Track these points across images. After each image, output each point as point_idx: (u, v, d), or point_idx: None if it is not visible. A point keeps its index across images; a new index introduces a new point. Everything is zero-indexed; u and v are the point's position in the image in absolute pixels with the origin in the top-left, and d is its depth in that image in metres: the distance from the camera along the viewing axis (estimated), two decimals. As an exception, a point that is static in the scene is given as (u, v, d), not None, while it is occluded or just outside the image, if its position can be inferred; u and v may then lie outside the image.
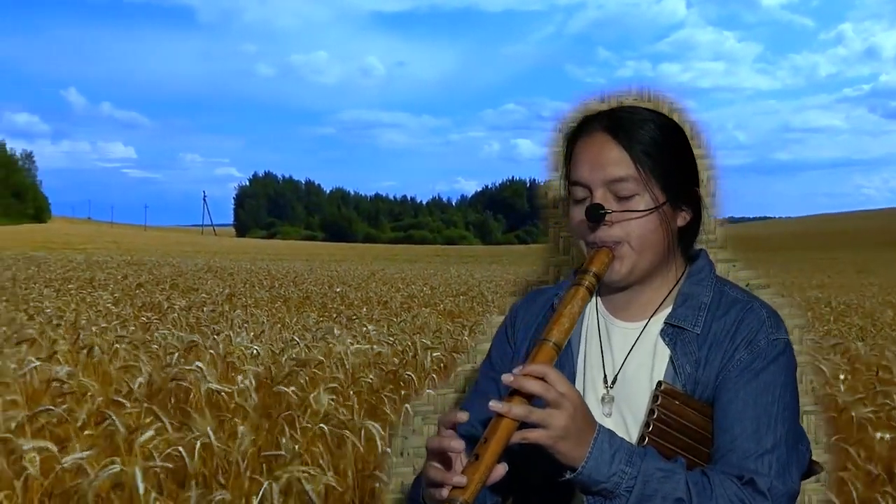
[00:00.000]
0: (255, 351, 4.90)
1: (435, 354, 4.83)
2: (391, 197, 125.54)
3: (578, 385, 1.22)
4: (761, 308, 1.20)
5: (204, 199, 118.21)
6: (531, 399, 1.04)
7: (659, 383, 1.16)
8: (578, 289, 1.14)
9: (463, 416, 1.07)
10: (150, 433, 2.66)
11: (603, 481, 1.05)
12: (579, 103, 1.48)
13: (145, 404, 3.13)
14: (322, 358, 4.57)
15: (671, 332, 1.19)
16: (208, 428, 2.48)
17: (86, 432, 2.95)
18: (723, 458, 1.12)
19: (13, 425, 2.60)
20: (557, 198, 1.51)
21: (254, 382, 3.70)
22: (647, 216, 1.16)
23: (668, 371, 1.18)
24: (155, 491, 2.31)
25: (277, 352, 4.92)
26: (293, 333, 6.13)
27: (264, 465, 2.92)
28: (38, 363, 3.66)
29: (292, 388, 3.57)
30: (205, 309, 8.45)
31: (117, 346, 4.87)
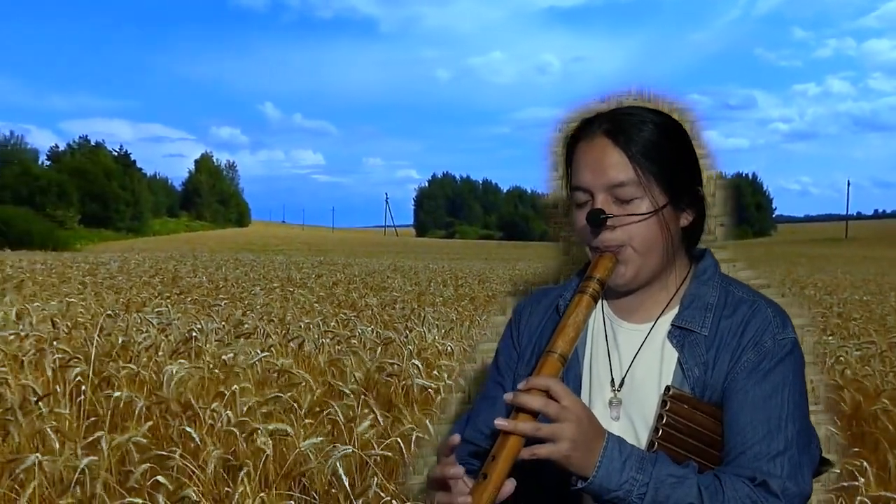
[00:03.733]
0: (448, 348, 5.06)
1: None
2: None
3: (585, 388, 1.21)
4: (767, 307, 1.19)
5: (386, 201, 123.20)
6: (537, 414, 1.04)
7: (667, 388, 1.15)
8: (583, 297, 1.14)
9: (455, 440, 1.07)
10: (367, 423, 2.83)
11: (615, 489, 1.04)
12: (579, 104, 1.46)
13: (362, 396, 3.32)
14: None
15: (678, 334, 1.18)
16: (427, 421, 2.60)
17: (306, 420, 3.19)
18: (734, 461, 1.10)
19: (245, 410, 2.86)
20: (559, 199, 1.45)
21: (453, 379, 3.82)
22: (648, 219, 1.15)
23: (676, 373, 1.17)
24: (375, 476, 2.45)
25: (470, 349, 5.05)
26: (484, 331, 6.25)
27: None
28: (264, 355, 3.99)
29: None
30: (397, 307, 8.81)
31: (323, 340, 5.22)
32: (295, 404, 3.06)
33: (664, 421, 1.13)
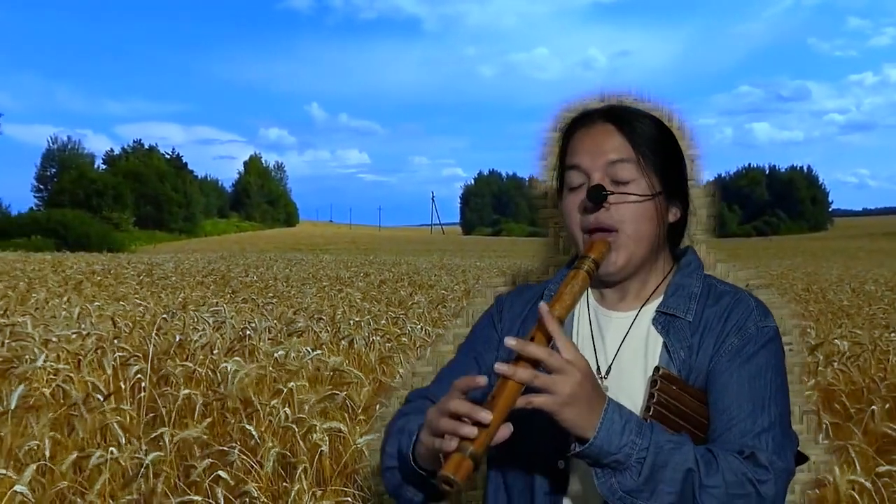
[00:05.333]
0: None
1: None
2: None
3: None
4: (749, 298, 1.22)
5: (432, 200, 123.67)
6: (537, 367, 1.02)
7: (657, 368, 1.16)
8: (578, 272, 1.14)
9: (481, 381, 1.04)
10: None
11: (614, 452, 1.03)
12: (575, 101, 1.48)
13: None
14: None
15: (663, 320, 1.20)
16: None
17: (360, 417, 3.22)
18: (721, 438, 1.12)
19: (306, 408, 2.90)
20: (554, 196, 1.44)
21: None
22: (643, 202, 1.17)
23: (662, 357, 1.18)
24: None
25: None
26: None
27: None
28: (316, 353, 4.03)
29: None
30: (446, 305, 8.83)
31: (374, 338, 5.25)
32: (349, 402, 3.09)
33: (654, 400, 1.13)
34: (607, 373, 1.21)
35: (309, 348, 4.29)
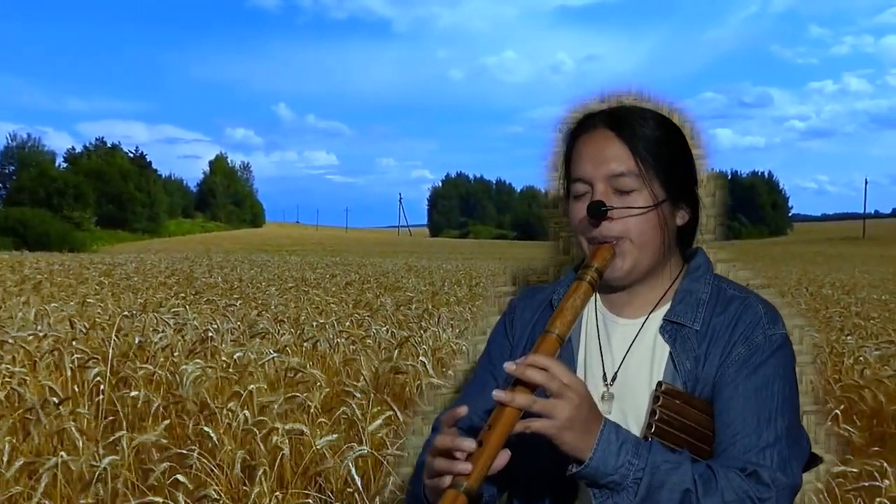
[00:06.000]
0: (463, 347, 5.06)
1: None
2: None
3: None
4: (758, 304, 1.19)
5: (400, 201, 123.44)
6: (534, 390, 1.03)
7: (659, 383, 1.15)
8: (581, 283, 1.13)
9: (462, 411, 1.06)
10: (378, 422, 2.84)
11: (611, 473, 1.04)
12: (578, 103, 1.46)
13: (372, 394, 3.34)
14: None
15: (670, 329, 1.19)
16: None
17: (319, 419, 3.21)
18: (724, 453, 1.11)
19: (265, 410, 2.88)
20: (557, 197, 1.45)
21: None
22: (647, 213, 1.16)
23: (667, 367, 1.17)
24: (391, 475, 2.46)
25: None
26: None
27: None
28: (276, 355, 4.01)
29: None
30: (411, 307, 8.82)
31: (338, 340, 5.23)
32: (309, 403, 3.08)
33: (656, 416, 1.13)
34: (613, 380, 1.20)
35: (270, 350, 4.26)
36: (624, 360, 1.20)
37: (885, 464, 2.65)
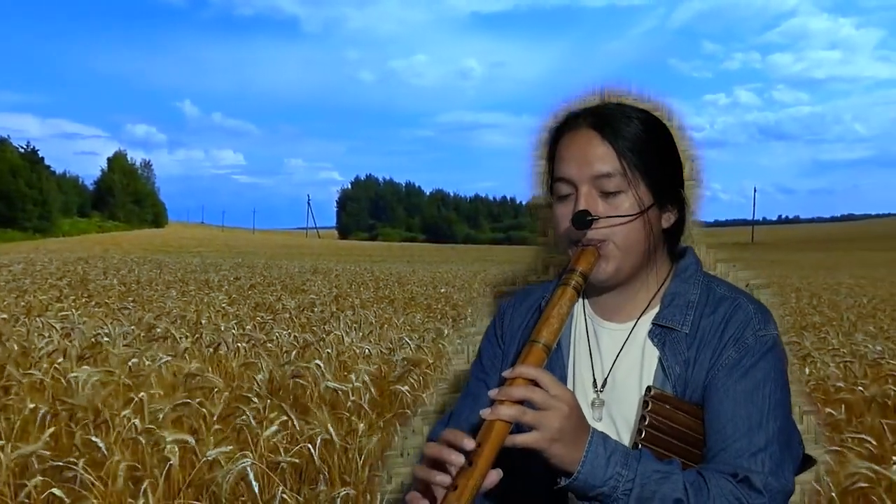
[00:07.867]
0: (366, 351, 5.04)
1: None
2: (491, 198, 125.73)
3: None
4: (748, 304, 1.17)
5: (308, 203, 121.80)
6: (523, 402, 1.02)
7: (648, 388, 1.14)
8: (566, 289, 1.12)
9: (469, 444, 1.00)
10: (273, 428, 2.79)
11: (599, 485, 1.03)
12: (563, 103, 1.40)
13: (269, 400, 3.28)
14: (431, 359, 4.67)
15: (659, 333, 1.17)
16: (328, 424, 2.58)
17: (215, 426, 3.12)
18: (716, 458, 1.09)
19: (158, 417, 2.79)
20: (547, 199, 1.49)
21: (368, 381, 3.81)
22: (633, 220, 1.14)
23: (657, 372, 1.15)
24: (280, 485, 2.42)
25: (387, 352, 5.04)
26: (401, 333, 6.25)
27: (380, 463, 3.01)
28: (168, 359, 3.89)
29: (406, 387, 3.66)
30: (315, 309, 8.72)
31: (238, 344, 5.11)
32: (205, 410, 2.99)
33: (646, 422, 1.12)
34: (602, 386, 1.18)
35: (164, 354, 4.13)
36: (613, 365, 1.19)
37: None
